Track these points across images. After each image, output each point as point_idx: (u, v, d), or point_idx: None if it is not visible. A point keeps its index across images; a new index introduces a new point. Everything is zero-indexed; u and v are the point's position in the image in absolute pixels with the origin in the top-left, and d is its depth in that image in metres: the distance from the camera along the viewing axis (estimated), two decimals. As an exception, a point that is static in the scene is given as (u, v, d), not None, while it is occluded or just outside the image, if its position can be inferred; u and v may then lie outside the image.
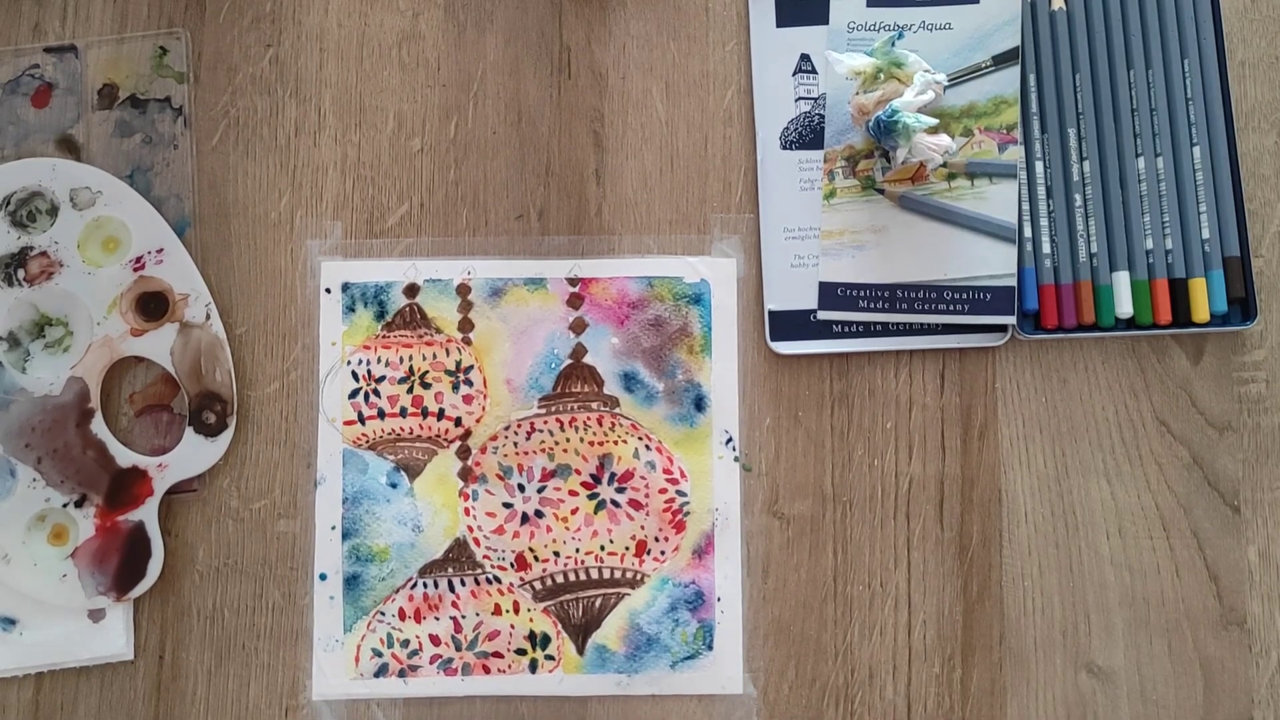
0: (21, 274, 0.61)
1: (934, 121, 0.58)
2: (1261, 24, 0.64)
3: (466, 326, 0.63)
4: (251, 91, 0.64)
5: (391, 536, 0.61)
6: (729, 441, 0.62)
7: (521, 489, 0.62)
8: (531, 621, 0.61)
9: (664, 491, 0.61)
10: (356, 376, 0.62)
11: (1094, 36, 0.63)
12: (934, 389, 0.62)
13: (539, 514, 0.61)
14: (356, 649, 0.61)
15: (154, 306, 0.62)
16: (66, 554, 0.60)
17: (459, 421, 0.62)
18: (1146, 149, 0.62)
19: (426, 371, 0.62)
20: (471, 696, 0.61)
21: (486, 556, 0.61)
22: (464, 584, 0.61)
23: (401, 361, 0.62)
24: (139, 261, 0.62)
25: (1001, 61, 0.62)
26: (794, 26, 0.64)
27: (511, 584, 0.61)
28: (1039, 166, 0.62)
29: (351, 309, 0.63)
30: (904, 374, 0.62)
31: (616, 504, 0.61)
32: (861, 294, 0.62)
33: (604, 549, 0.61)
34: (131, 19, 0.64)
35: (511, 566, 0.61)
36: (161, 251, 0.62)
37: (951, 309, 0.61)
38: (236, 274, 0.63)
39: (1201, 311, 0.60)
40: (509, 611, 0.61)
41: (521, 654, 0.61)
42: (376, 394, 0.62)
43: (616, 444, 0.62)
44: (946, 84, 0.61)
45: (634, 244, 0.63)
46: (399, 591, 0.61)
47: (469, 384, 0.62)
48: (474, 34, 0.65)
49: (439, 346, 0.62)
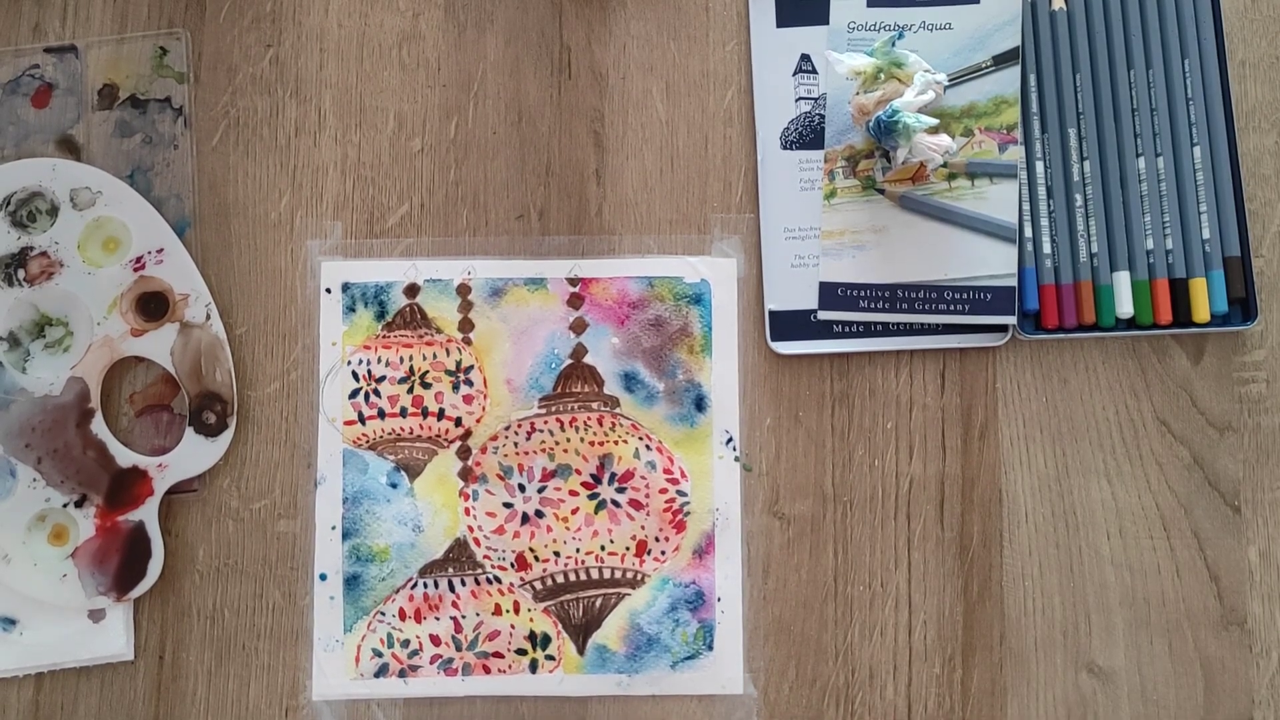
0: (22, 274, 0.61)
1: (934, 121, 0.58)
2: (1261, 24, 0.64)
3: (467, 326, 0.63)
4: (252, 92, 0.64)
5: (392, 536, 0.61)
6: (729, 441, 0.62)
7: (522, 489, 0.61)
8: (532, 621, 0.61)
9: (664, 491, 0.61)
10: (357, 376, 0.62)
11: (1094, 36, 0.63)
12: (934, 389, 0.62)
13: (539, 514, 0.61)
14: (357, 649, 0.61)
15: (154, 306, 0.62)
16: (67, 554, 0.60)
17: (459, 421, 0.62)
18: (1147, 149, 0.62)
19: (427, 371, 0.62)
20: (472, 696, 0.61)
21: (487, 556, 0.61)
22: (464, 584, 0.61)
23: (402, 361, 0.62)
24: (139, 261, 0.62)
25: (1002, 61, 0.62)
26: (794, 26, 0.64)
27: (512, 584, 0.61)
28: (1039, 166, 0.62)
29: (352, 309, 0.63)
30: (904, 374, 0.62)
31: (617, 504, 0.61)
32: (862, 294, 0.62)
33: (604, 549, 0.61)
34: (131, 19, 0.64)
35: (512, 566, 0.61)
36: (162, 251, 0.62)
37: (952, 309, 0.61)
38: (237, 274, 0.63)
39: (1202, 311, 0.60)
40: (509, 611, 0.61)
41: (522, 654, 0.61)
42: (377, 394, 0.62)
43: (617, 444, 0.62)
44: (947, 84, 0.61)
45: (634, 244, 0.63)
46: (399, 591, 0.61)
47: (469, 384, 0.62)
48: (474, 34, 0.65)
49: (439, 346, 0.62)
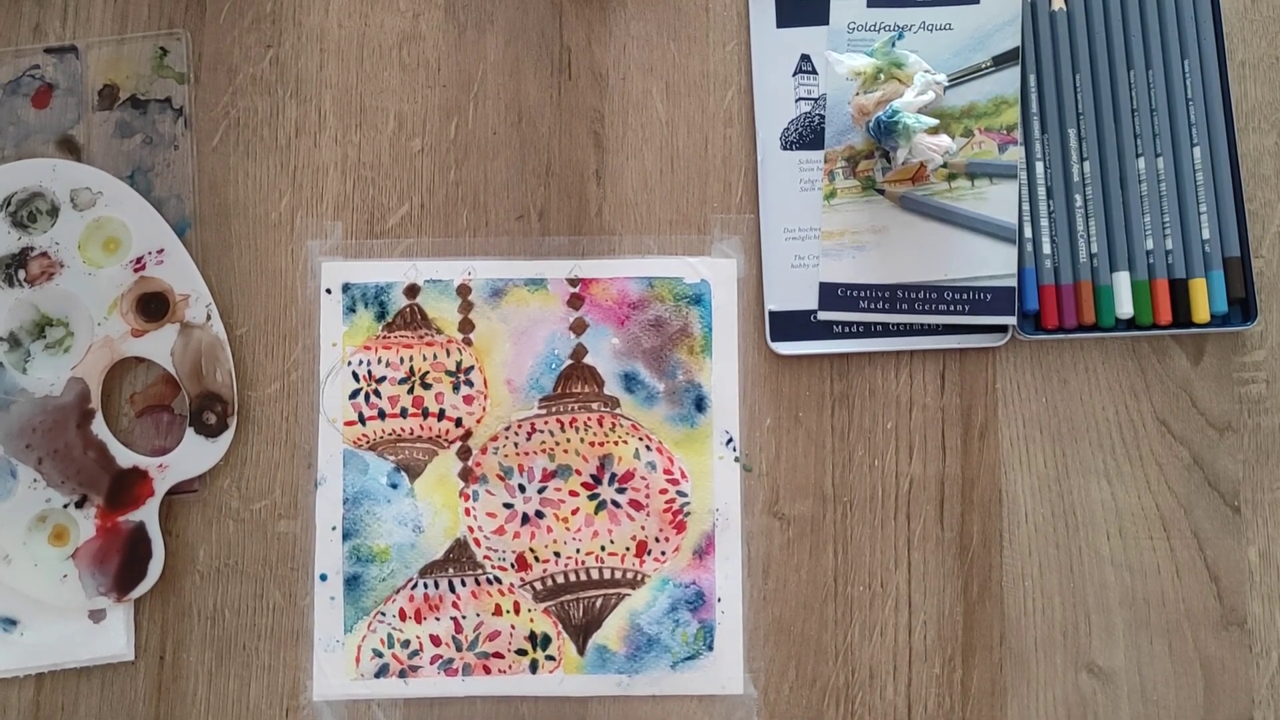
0: (22, 274, 0.61)
1: (934, 122, 0.58)
2: (1261, 24, 0.64)
3: (467, 327, 0.63)
4: (252, 92, 0.64)
5: (392, 537, 0.61)
6: (729, 442, 0.62)
7: (522, 489, 0.62)
8: (532, 622, 0.61)
9: (664, 492, 0.61)
10: (357, 377, 0.62)
11: (1094, 37, 0.63)
12: (934, 389, 0.62)
13: (539, 514, 0.61)
14: (357, 649, 0.61)
15: (154, 307, 0.62)
16: (67, 554, 0.60)
17: (459, 422, 0.62)
18: (1147, 149, 0.62)
19: (427, 372, 0.62)
20: (472, 697, 0.61)
21: (487, 557, 0.61)
22: (464, 584, 0.61)
23: (402, 362, 0.62)
24: (139, 262, 0.62)
25: (1002, 62, 0.62)
26: (794, 27, 0.64)
27: (512, 584, 0.61)
28: (1039, 167, 0.62)
29: (352, 309, 0.63)
30: (904, 374, 0.62)
31: (617, 504, 0.61)
32: (862, 294, 0.62)
33: (604, 549, 0.61)
34: (132, 19, 0.64)
35: (512, 567, 0.61)
36: (162, 252, 0.62)
37: (952, 309, 0.61)
38: (237, 274, 0.63)
39: (1202, 312, 0.60)
40: (509, 612, 0.61)
41: (522, 654, 0.61)
42: (377, 394, 0.62)
43: (617, 444, 0.62)
44: (947, 84, 0.61)
45: (634, 244, 0.63)
46: (399, 592, 0.61)
47: (469, 384, 0.62)
48: (474, 34, 0.65)
49: (439, 347, 0.62)
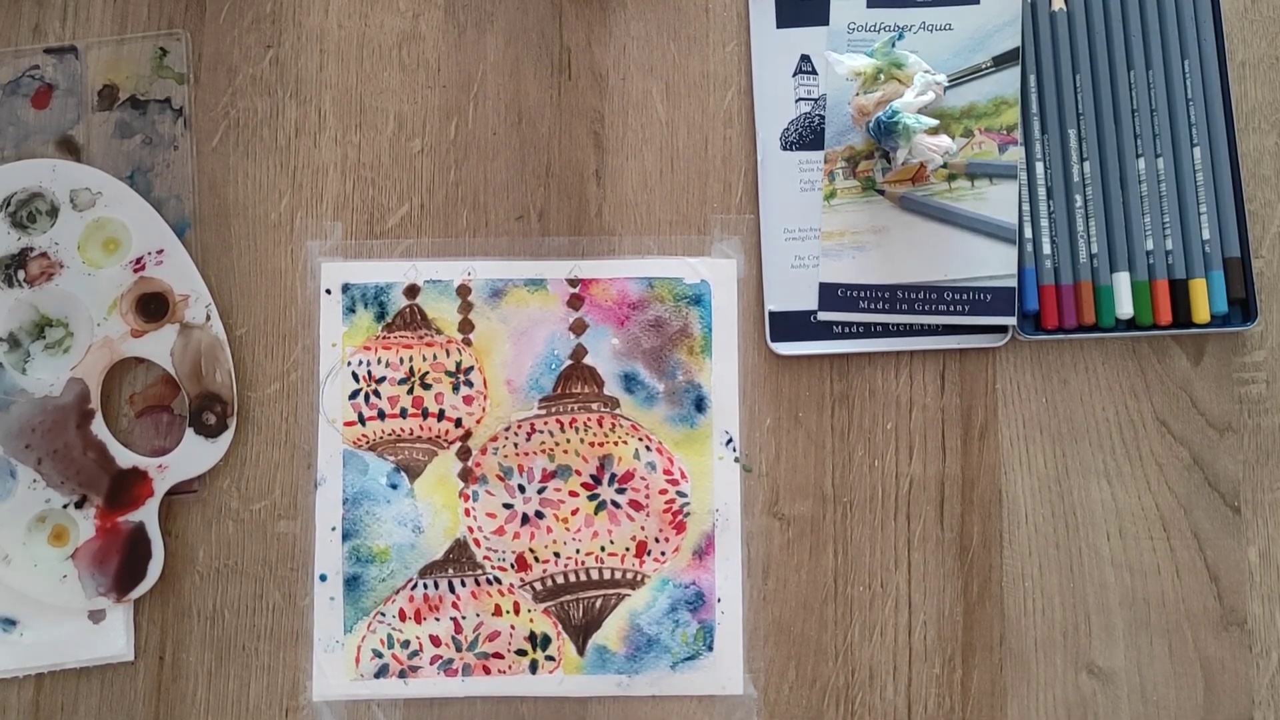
0: (22, 275, 0.61)
1: (934, 122, 0.58)
2: (1261, 24, 0.64)
3: (467, 327, 0.63)
4: (252, 92, 0.64)
5: (392, 537, 0.61)
6: (729, 442, 0.62)
7: (522, 490, 0.61)
8: (532, 622, 0.61)
9: (664, 492, 0.61)
10: (357, 377, 0.62)
11: (1094, 37, 0.63)
12: (934, 390, 0.62)
13: (539, 515, 0.61)
14: (357, 650, 0.61)
15: (154, 307, 0.62)
16: (67, 555, 0.60)
17: (459, 422, 0.62)
18: (1147, 149, 0.62)
19: (427, 372, 0.62)
20: (472, 697, 0.61)
21: (487, 557, 0.61)
22: (464, 585, 0.61)
23: (402, 362, 0.62)
24: (139, 262, 0.62)
25: (1002, 62, 0.62)
26: (794, 27, 0.64)
27: (512, 585, 0.61)
28: (1039, 167, 0.62)
29: (352, 310, 0.63)
30: (904, 375, 0.62)
31: (617, 505, 0.61)
32: (862, 295, 0.62)
33: (604, 550, 0.61)
34: (131, 20, 0.64)
35: (512, 567, 0.61)
36: (162, 252, 0.62)
37: (952, 310, 0.61)
38: (237, 275, 0.63)
39: (1202, 312, 0.60)
40: (509, 612, 0.61)
41: (522, 655, 0.61)
42: (377, 395, 0.62)
43: (617, 445, 0.62)
44: (947, 85, 0.61)
45: (634, 245, 0.63)
46: (399, 592, 0.61)
47: (469, 385, 0.62)
48: (474, 35, 0.65)
49: (439, 347, 0.62)
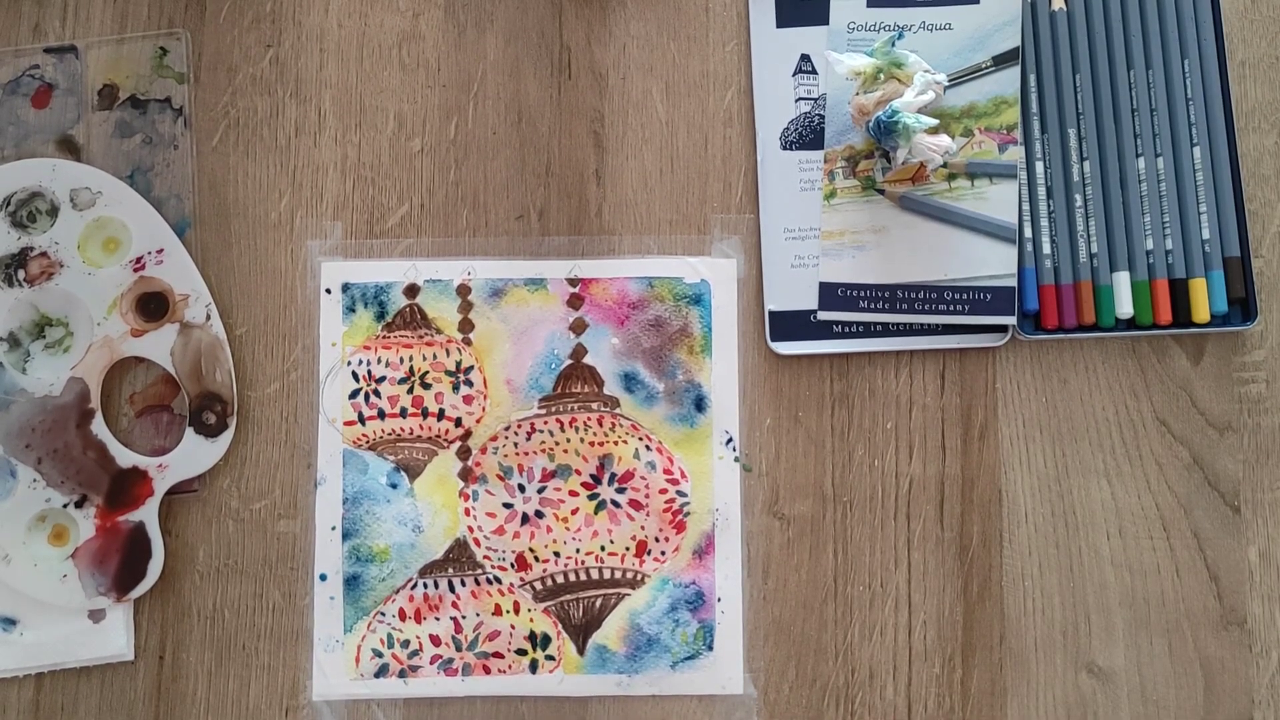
0: (22, 274, 0.61)
1: (934, 122, 0.58)
2: (1261, 24, 0.64)
3: (467, 327, 0.63)
4: (252, 92, 0.64)
5: (392, 537, 0.61)
6: (729, 442, 0.62)
7: (522, 489, 0.61)
8: (532, 622, 0.61)
9: (664, 492, 0.61)
10: (357, 377, 0.62)
11: (1094, 36, 0.63)
12: (934, 389, 0.62)
13: (539, 514, 0.61)
14: (357, 649, 0.61)
15: (154, 307, 0.62)
16: (67, 554, 0.60)
17: (459, 422, 0.62)
18: (1147, 149, 0.62)
19: (427, 372, 0.62)
20: (472, 697, 0.61)
21: (487, 557, 0.61)
22: (464, 584, 0.61)
23: (402, 362, 0.62)
24: (139, 262, 0.62)
25: (1002, 62, 0.62)
26: (794, 27, 0.64)
27: (512, 584, 0.61)
28: (1039, 167, 0.62)
29: (352, 309, 0.63)
30: (904, 374, 0.62)
31: (617, 504, 0.61)
32: (862, 294, 0.62)
33: (604, 549, 0.61)
34: (131, 19, 0.64)
35: (512, 567, 0.61)
36: (162, 252, 0.62)
37: (952, 309, 0.61)
38: (237, 274, 0.63)
39: (1202, 312, 0.60)
40: (509, 612, 0.61)
41: (522, 654, 0.61)
42: (377, 394, 0.62)
43: (617, 444, 0.62)
44: (947, 84, 0.61)
45: (634, 244, 0.63)
46: (399, 592, 0.61)
47: (469, 384, 0.62)
48: (474, 34, 0.65)
49: (439, 347, 0.62)
